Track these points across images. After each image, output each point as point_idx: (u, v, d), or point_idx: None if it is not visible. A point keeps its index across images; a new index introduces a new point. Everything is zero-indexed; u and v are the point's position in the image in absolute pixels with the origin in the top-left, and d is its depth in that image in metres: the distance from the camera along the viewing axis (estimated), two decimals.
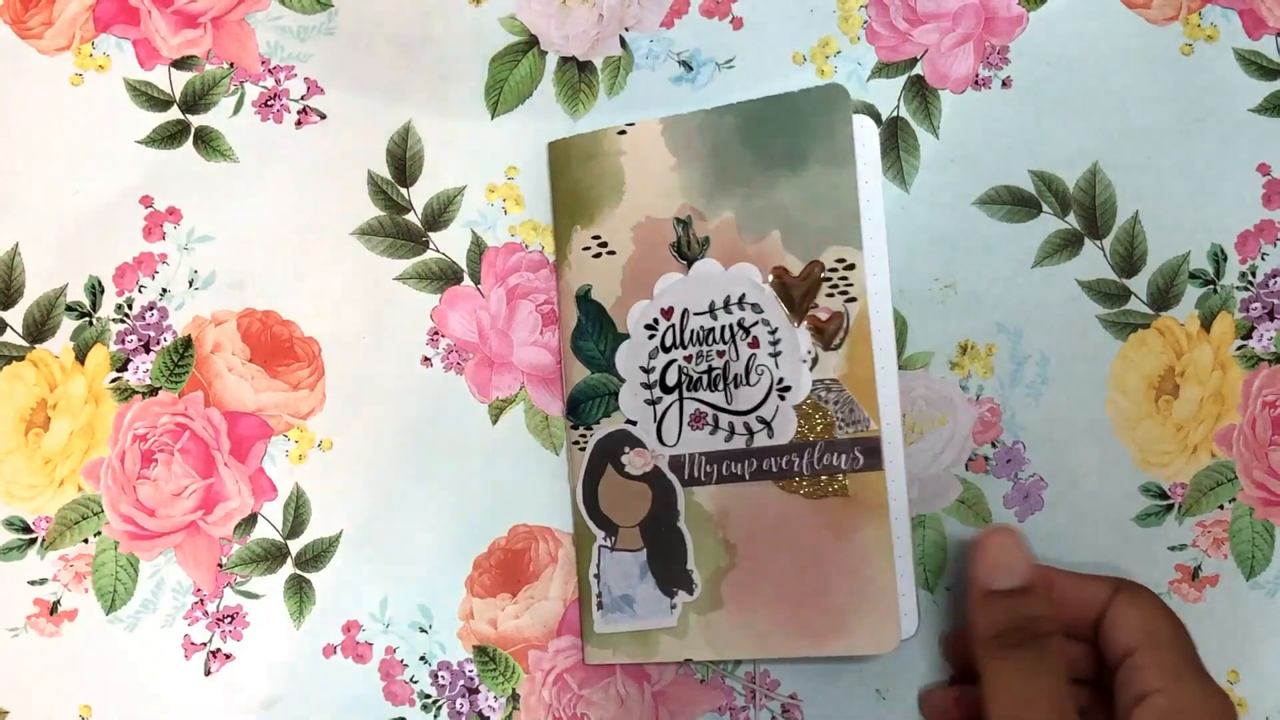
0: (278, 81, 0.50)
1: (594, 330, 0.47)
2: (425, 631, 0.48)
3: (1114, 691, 0.40)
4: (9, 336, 0.49)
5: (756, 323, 0.46)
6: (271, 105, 0.50)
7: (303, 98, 0.50)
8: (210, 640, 0.48)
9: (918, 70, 0.48)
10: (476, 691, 0.48)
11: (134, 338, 0.49)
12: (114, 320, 0.49)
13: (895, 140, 0.47)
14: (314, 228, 0.49)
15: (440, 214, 0.49)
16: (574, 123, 0.49)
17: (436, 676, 0.48)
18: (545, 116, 0.49)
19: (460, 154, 0.49)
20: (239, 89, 0.50)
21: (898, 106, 0.48)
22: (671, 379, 0.46)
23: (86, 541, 0.49)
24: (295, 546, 0.48)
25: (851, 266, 0.45)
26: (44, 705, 0.48)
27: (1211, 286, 0.46)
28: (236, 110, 0.50)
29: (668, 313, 0.46)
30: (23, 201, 0.50)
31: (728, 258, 0.46)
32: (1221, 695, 0.39)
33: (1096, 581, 0.42)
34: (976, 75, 0.48)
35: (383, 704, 0.48)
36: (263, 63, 0.50)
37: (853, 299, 0.45)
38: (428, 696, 0.48)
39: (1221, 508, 0.46)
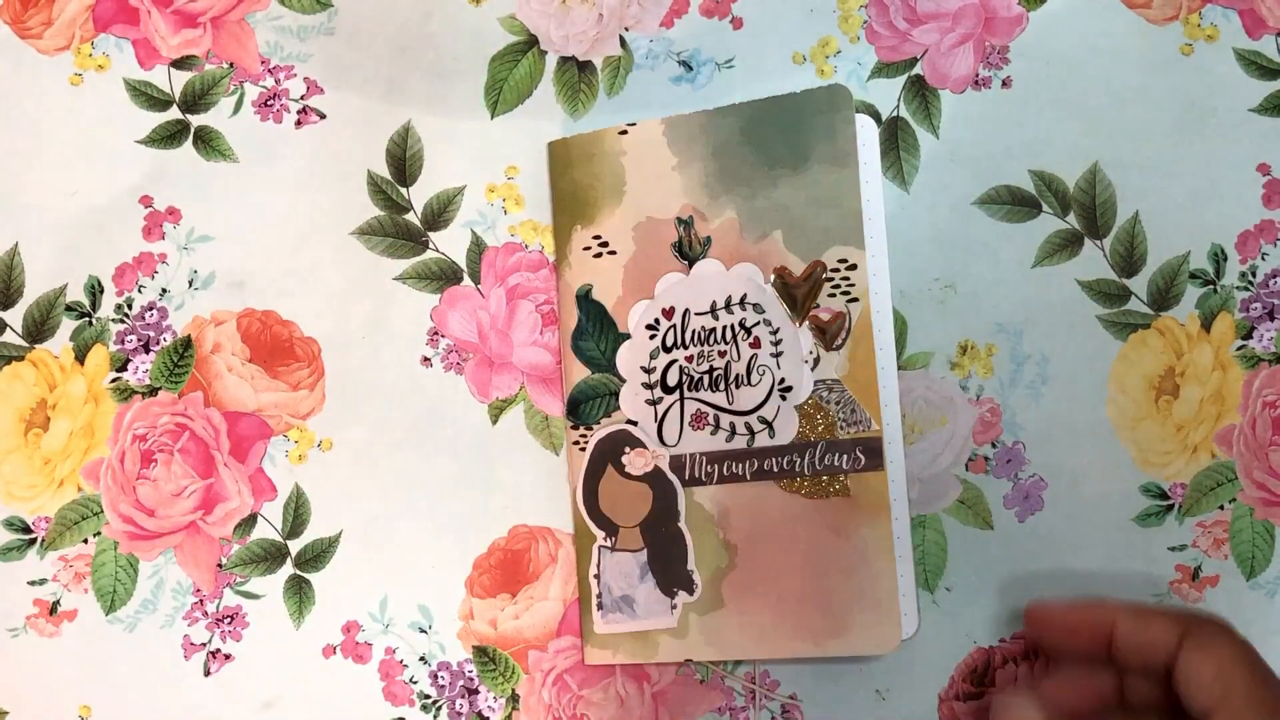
0: (277, 81, 0.50)
1: (594, 330, 0.47)
2: (425, 632, 0.48)
3: None
4: (9, 336, 0.49)
5: (758, 323, 0.46)
6: (271, 105, 0.50)
7: (302, 97, 0.50)
8: (210, 640, 0.48)
9: (918, 70, 0.48)
10: (476, 692, 0.48)
11: (134, 338, 0.49)
12: (114, 320, 0.49)
13: (895, 140, 0.47)
14: (314, 228, 0.49)
15: (440, 214, 0.49)
16: (574, 122, 0.49)
17: (436, 677, 0.48)
18: (545, 116, 0.49)
19: (460, 154, 0.49)
20: (239, 89, 0.50)
21: (898, 106, 0.48)
22: (672, 379, 0.46)
23: (86, 542, 0.49)
24: (295, 546, 0.48)
25: (854, 267, 0.45)
26: (44, 705, 0.48)
27: (1211, 286, 0.46)
28: (236, 110, 0.50)
29: (669, 313, 0.46)
30: (23, 201, 0.50)
31: (729, 257, 0.46)
32: None
33: (1163, 620, 0.39)
34: (976, 75, 0.47)
35: (382, 704, 0.48)
36: (262, 63, 0.50)
37: (855, 299, 0.45)
38: (427, 697, 0.48)
39: (1222, 508, 0.46)
